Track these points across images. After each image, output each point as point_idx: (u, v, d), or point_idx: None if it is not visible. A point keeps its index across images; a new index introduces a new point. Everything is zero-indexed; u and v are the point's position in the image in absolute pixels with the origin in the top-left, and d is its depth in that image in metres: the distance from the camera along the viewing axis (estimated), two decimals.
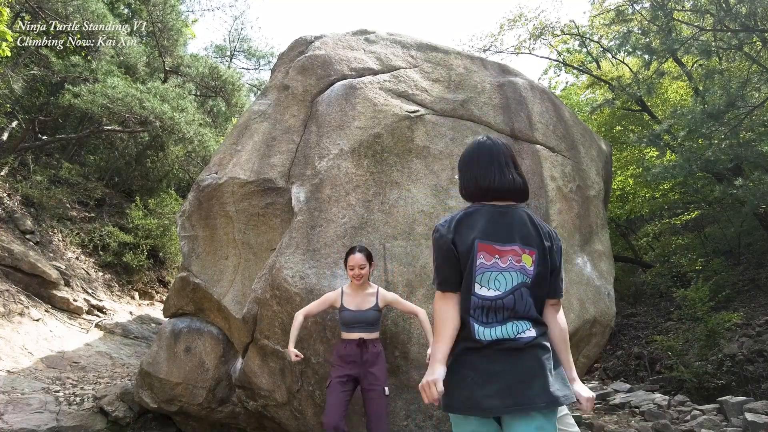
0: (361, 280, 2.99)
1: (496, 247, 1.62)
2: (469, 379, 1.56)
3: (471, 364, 1.58)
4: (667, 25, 7.53)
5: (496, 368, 1.55)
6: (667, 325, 8.97)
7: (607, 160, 5.32)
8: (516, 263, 1.63)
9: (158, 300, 8.53)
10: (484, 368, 1.56)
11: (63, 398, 4.31)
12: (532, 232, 1.68)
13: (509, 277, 1.62)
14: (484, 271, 1.61)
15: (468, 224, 1.66)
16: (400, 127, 3.99)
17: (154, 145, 10.27)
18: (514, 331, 1.58)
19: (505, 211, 1.69)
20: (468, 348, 1.60)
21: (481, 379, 1.55)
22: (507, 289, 1.61)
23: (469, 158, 1.84)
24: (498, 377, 1.54)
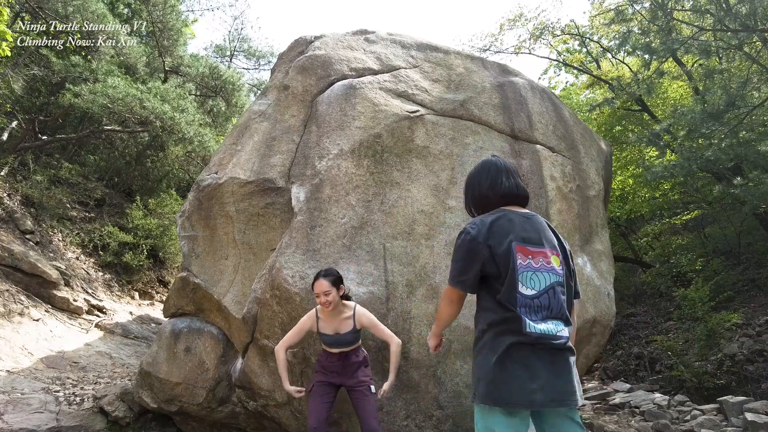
0: (329, 307, 2.80)
1: (529, 248, 1.77)
2: (519, 373, 1.65)
3: (519, 358, 1.67)
4: (667, 24, 7.52)
5: (540, 364, 1.67)
6: (667, 325, 8.97)
7: (607, 160, 5.32)
8: (547, 264, 1.78)
9: (158, 300, 8.53)
10: (531, 363, 1.66)
11: (63, 398, 4.31)
12: (553, 237, 1.87)
13: (543, 277, 1.76)
14: (523, 271, 1.73)
15: (501, 228, 1.79)
16: (400, 127, 3.99)
17: (154, 145, 10.28)
18: (554, 330, 1.71)
19: (529, 217, 1.86)
20: (516, 343, 1.68)
21: (529, 374, 1.65)
22: (541, 288, 1.74)
23: (480, 171, 2.01)
24: (541, 372, 1.66)
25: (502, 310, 1.72)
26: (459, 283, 1.81)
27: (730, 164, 7.21)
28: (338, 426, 3.28)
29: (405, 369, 3.33)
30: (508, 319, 1.70)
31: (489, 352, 1.71)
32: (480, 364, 1.74)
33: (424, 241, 3.61)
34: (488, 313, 1.77)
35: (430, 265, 3.55)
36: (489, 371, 1.68)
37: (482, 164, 2.02)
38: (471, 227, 1.82)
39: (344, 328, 2.90)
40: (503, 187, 1.91)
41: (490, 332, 1.74)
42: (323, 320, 2.92)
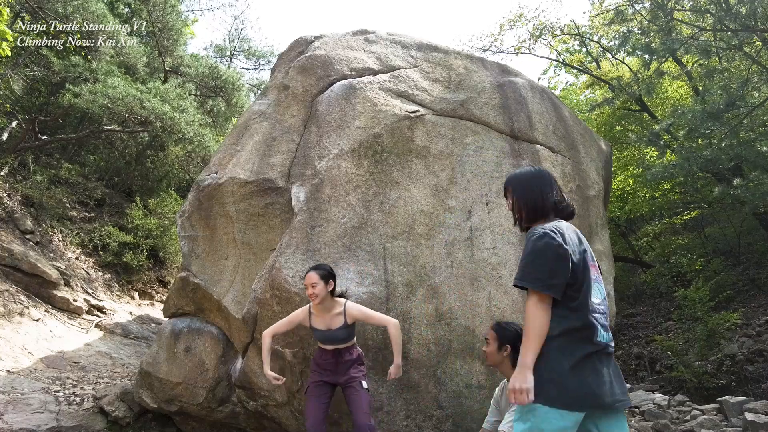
0: (316, 299, 2.83)
1: (591, 262, 1.90)
2: (590, 380, 1.75)
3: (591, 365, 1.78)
4: (667, 24, 7.52)
5: (606, 370, 1.80)
6: (667, 325, 8.97)
7: (607, 160, 5.32)
8: (599, 276, 1.93)
9: (158, 300, 8.52)
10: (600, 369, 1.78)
11: (63, 398, 4.31)
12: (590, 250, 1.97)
13: (600, 288, 1.90)
14: (594, 282, 1.86)
15: (571, 238, 1.87)
16: (400, 127, 3.99)
17: (154, 145, 10.28)
18: (609, 338, 1.86)
19: (576, 230, 1.96)
20: (590, 353, 1.78)
21: (598, 379, 1.76)
22: (601, 298, 1.89)
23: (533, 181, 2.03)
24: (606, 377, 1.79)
25: (578, 318, 1.79)
26: (550, 287, 1.77)
27: (730, 164, 7.21)
28: (338, 426, 3.28)
29: (405, 369, 3.33)
30: (583, 328, 1.79)
31: (561, 357, 1.76)
32: (550, 368, 1.76)
33: (424, 241, 3.61)
34: (562, 320, 1.80)
35: (430, 265, 3.55)
36: (561, 375, 1.74)
37: (538, 172, 2.05)
38: (552, 233, 1.82)
39: (335, 323, 2.92)
40: (556, 198, 1.98)
41: (562, 338, 1.79)
42: (315, 315, 2.95)
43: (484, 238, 3.75)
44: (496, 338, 2.71)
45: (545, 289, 1.77)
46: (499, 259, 3.70)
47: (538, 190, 1.98)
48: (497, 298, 3.57)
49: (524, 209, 2.01)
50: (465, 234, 3.74)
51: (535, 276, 1.80)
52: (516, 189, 2.04)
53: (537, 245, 1.82)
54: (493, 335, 2.73)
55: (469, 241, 3.72)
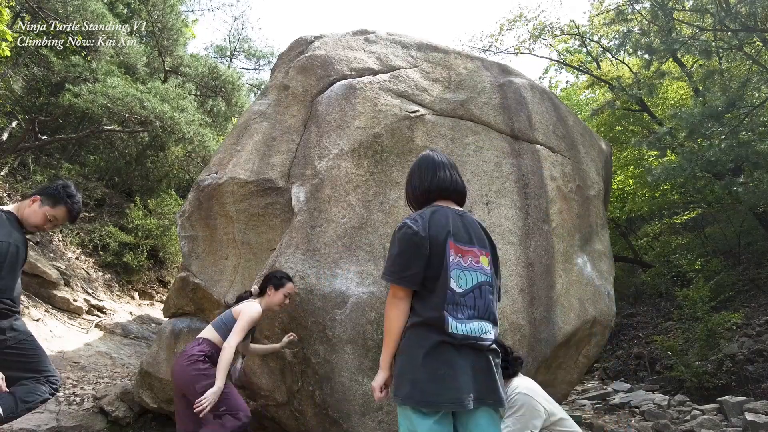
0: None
1: (459, 246, 1.76)
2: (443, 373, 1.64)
3: (444, 358, 1.66)
4: (667, 25, 7.52)
5: (464, 363, 1.66)
6: (667, 325, 8.97)
7: (607, 160, 5.32)
8: (475, 263, 1.78)
9: (158, 300, 8.53)
10: (456, 363, 1.66)
11: (63, 398, 4.31)
12: (484, 236, 1.88)
13: (470, 275, 1.76)
14: (454, 268, 1.73)
15: (437, 223, 1.77)
16: (400, 127, 3.99)
17: (154, 145, 10.28)
18: (479, 331, 1.71)
19: (462, 214, 1.86)
20: (442, 342, 1.67)
21: (453, 373, 1.64)
22: (468, 287, 1.74)
23: (422, 166, 1.98)
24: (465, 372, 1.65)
25: (431, 308, 1.70)
26: (402, 279, 1.73)
27: (730, 165, 7.22)
28: (338, 426, 3.28)
29: None
30: (435, 319, 1.69)
31: (414, 349, 1.69)
32: (403, 362, 1.72)
33: None
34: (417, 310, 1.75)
35: None
36: (414, 369, 1.66)
37: (421, 158, 2.00)
38: (412, 222, 1.78)
39: None
40: (440, 179, 1.89)
41: (415, 330, 1.73)
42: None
43: None
44: None
45: (398, 281, 1.74)
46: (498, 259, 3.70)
47: (418, 177, 1.94)
48: None
49: (411, 199, 1.99)
50: None
51: (391, 269, 1.77)
52: (406, 181, 2.03)
53: (395, 237, 1.81)
54: None
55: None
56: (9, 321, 2.43)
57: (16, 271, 2.40)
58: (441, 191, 1.90)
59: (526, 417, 2.63)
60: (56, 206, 2.56)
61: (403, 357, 1.73)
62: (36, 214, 2.52)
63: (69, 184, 2.65)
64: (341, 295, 3.32)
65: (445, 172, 1.92)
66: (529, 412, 2.64)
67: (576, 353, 4.12)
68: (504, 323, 3.53)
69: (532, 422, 2.62)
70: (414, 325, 1.73)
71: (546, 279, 3.83)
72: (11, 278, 2.34)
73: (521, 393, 2.70)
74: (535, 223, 3.97)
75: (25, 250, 2.49)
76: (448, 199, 1.91)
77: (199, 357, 2.70)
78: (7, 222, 2.41)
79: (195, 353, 2.71)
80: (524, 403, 2.66)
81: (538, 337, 3.65)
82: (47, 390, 2.53)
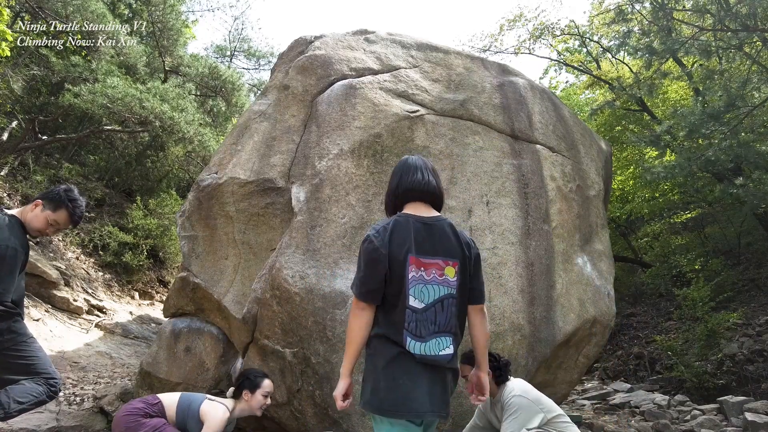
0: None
1: (422, 260, 1.73)
2: (401, 383, 1.67)
3: (404, 368, 1.69)
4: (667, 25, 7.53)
5: (424, 375, 1.69)
6: (667, 325, 8.97)
7: (607, 160, 5.32)
8: (439, 276, 1.75)
9: (158, 300, 8.52)
10: (414, 373, 1.68)
11: (63, 398, 4.30)
12: (454, 244, 1.81)
13: (432, 290, 1.73)
14: (415, 284, 1.71)
15: (399, 237, 1.75)
16: (400, 127, 3.99)
17: (154, 145, 10.27)
18: (437, 348, 1.71)
19: (430, 224, 1.81)
20: (402, 352, 1.70)
21: (412, 384, 1.67)
22: (429, 301, 1.72)
23: (396, 171, 1.97)
24: (424, 384, 1.68)
25: (390, 325, 1.73)
26: (362, 294, 1.75)
27: (730, 165, 7.22)
28: (338, 426, 3.28)
29: None
30: (394, 335, 1.71)
31: (375, 359, 1.73)
32: (366, 370, 1.77)
33: None
34: (378, 323, 1.77)
35: None
36: (374, 378, 1.71)
37: (402, 162, 1.98)
38: (374, 236, 1.78)
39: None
40: (411, 181, 1.87)
41: (376, 341, 1.76)
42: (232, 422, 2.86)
43: (484, 238, 3.75)
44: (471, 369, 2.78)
45: (359, 296, 1.75)
46: (498, 259, 3.70)
47: (396, 181, 1.92)
48: (497, 298, 3.57)
49: (386, 204, 2.00)
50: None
51: (355, 283, 1.79)
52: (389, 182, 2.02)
53: (360, 250, 1.82)
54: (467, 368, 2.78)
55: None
56: (7, 323, 2.42)
57: (16, 274, 2.40)
58: (412, 192, 1.86)
59: (522, 418, 2.68)
60: (57, 210, 2.56)
61: (366, 364, 1.79)
62: (38, 218, 2.52)
63: (72, 188, 2.65)
64: (341, 295, 3.32)
65: (419, 173, 1.88)
66: (526, 413, 2.71)
67: (576, 353, 4.12)
68: (504, 323, 3.53)
69: (531, 421, 2.66)
70: (377, 336, 1.76)
71: (546, 279, 3.83)
72: (10, 281, 2.34)
73: (517, 395, 2.77)
74: (535, 223, 3.97)
75: (26, 254, 2.49)
76: (420, 201, 1.87)
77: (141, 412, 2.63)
78: (8, 226, 2.41)
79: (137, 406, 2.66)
80: (521, 405, 2.73)
81: (538, 336, 3.65)
82: (44, 391, 2.52)
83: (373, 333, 1.77)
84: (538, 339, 3.65)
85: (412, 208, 1.85)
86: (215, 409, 2.71)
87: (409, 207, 1.86)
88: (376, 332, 1.76)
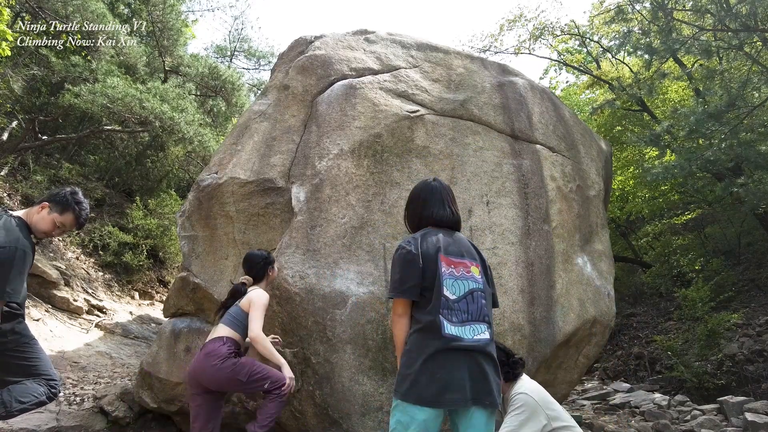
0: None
1: (451, 259, 1.98)
2: (439, 375, 1.81)
3: (442, 361, 1.83)
4: (667, 24, 7.52)
5: (461, 366, 1.82)
6: (667, 325, 8.97)
7: (607, 160, 5.32)
8: (467, 273, 1.99)
9: (158, 300, 8.52)
10: (452, 366, 1.82)
11: (63, 398, 4.30)
12: (473, 250, 2.11)
13: (462, 284, 1.96)
14: (447, 278, 1.94)
15: (428, 242, 2.01)
16: (400, 127, 3.99)
17: (154, 145, 10.27)
18: (471, 333, 1.88)
19: (452, 234, 2.11)
20: (441, 347, 1.84)
21: (450, 375, 1.81)
22: (461, 294, 1.94)
23: (421, 194, 2.21)
24: (461, 374, 1.81)
25: (428, 314, 1.89)
26: (402, 292, 1.93)
27: (730, 165, 7.22)
28: (338, 426, 3.28)
29: None
30: (432, 324, 1.87)
31: (415, 353, 1.86)
32: (405, 364, 1.89)
33: None
34: (417, 318, 1.94)
35: None
36: (414, 371, 1.83)
37: (422, 187, 2.21)
38: (406, 244, 2.01)
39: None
40: (438, 214, 2.12)
41: (416, 335, 1.91)
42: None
43: (484, 238, 3.75)
44: None
45: (399, 294, 1.95)
46: (499, 259, 3.70)
47: (421, 201, 2.17)
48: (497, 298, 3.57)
49: (408, 220, 2.23)
50: (465, 234, 3.72)
51: (392, 286, 1.99)
52: (407, 203, 2.26)
53: (394, 258, 2.04)
54: None
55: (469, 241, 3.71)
56: (12, 324, 2.44)
57: (25, 275, 2.42)
58: (440, 222, 2.12)
59: (522, 418, 2.60)
60: (64, 213, 2.59)
61: (405, 359, 1.91)
62: (44, 220, 2.54)
63: (77, 190, 2.68)
64: (341, 295, 3.32)
65: (446, 208, 2.14)
66: (527, 414, 2.60)
67: (576, 353, 4.12)
68: (504, 323, 3.53)
69: (529, 425, 2.59)
70: (415, 332, 1.92)
71: (546, 279, 3.83)
72: (19, 282, 2.36)
73: (524, 393, 2.67)
74: (535, 223, 3.97)
75: (32, 255, 2.51)
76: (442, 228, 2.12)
77: (230, 354, 2.80)
78: (16, 227, 2.42)
79: (225, 352, 2.79)
80: (525, 404, 2.63)
81: (538, 337, 3.65)
82: (44, 392, 2.53)
83: (411, 330, 1.94)
84: (538, 339, 3.65)
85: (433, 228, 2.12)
86: (257, 293, 2.97)
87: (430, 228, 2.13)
88: (414, 329, 1.93)
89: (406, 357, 1.90)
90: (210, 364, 2.76)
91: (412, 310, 1.97)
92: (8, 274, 2.28)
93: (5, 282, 2.25)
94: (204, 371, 2.78)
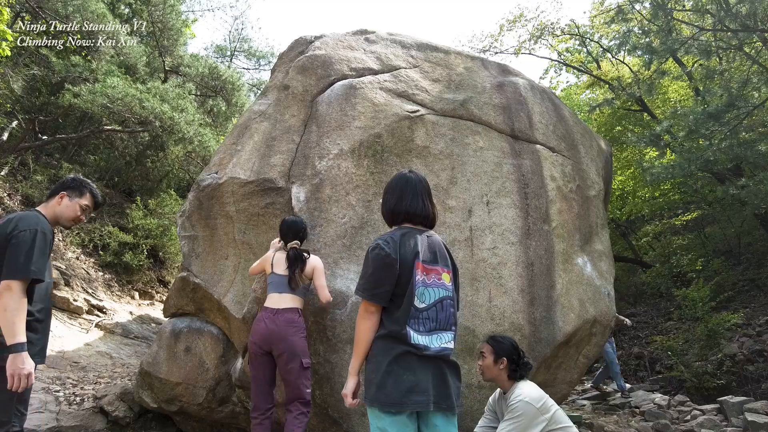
0: None
1: (426, 266, 1.96)
2: (405, 378, 1.84)
3: (407, 365, 1.85)
4: (667, 24, 7.53)
5: (425, 370, 1.86)
6: (667, 325, 8.97)
7: (607, 160, 5.32)
8: (438, 280, 1.98)
9: (158, 300, 8.52)
10: (417, 369, 1.85)
11: (63, 398, 4.30)
12: (447, 255, 2.08)
13: (433, 292, 1.95)
14: (419, 287, 1.91)
15: (406, 245, 1.95)
16: (400, 127, 3.99)
17: (154, 145, 10.26)
18: (438, 342, 1.91)
19: (429, 236, 2.06)
20: (406, 351, 1.86)
21: (415, 378, 1.84)
22: (430, 302, 1.93)
23: (396, 186, 2.14)
24: (425, 378, 1.85)
25: (396, 322, 1.89)
26: (373, 296, 1.90)
27: (730, 165, 7.23)
28: (338, 426, 3.28)
29: None
30: (398, 332, 1.87)
31: (381, 357, 1.88)
32: (371, 369, 1.91)
33: None
34: (385, 324, 1.93)
35: None
36: (380, 375, 1.85)
37: (397, 178, 2.15)
38: (384, 243, 1.94)
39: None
40: (412, 206, 2.05)
41: (382, 341, 1.91)
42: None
43: (484, 238, 3.75)
44: (492, 351, 2.75)
45: (370, 298, 1.92)
46: (499, 259, 3.70)
47: (397, 195, 2.09)
48: (497, 299, 3.57)
49: (383, 213, 2.16)
50: (465, 234, 3.74)
51: (364, 286, 1.94)
52: (383, 196, 2.19)
53: (368, 256, 1.98)
54: (488, 348, 2.77)
55: (469, 241, 3.72)
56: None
57: (47, 256, 2.41)
58: (413, 217, 2.06)
59: (522, 425, 2.59)
60: (84, 195, 2.64)
61: (371, 364, 1.92)
62: (69, 208, 2.58)
63: (78, 175, 2.73)
64: (341, 295, 3.32)
65: (419, 201, 2.06)
66: (526, 423, 2.59)
67: (576, 353, 4.12)
68: (504, 323, 3.53)
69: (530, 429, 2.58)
70: (381, 336, 1.92)
71: (546, 279, 3.83)
72: (43, 262, 2.35)
73: (524, 401, 2.62)
74: (535, 223, 3.97)
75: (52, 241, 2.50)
76: (416, 223, 2.07)
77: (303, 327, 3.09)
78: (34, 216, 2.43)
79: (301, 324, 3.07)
80: (524, 413, 2.60)
81: (538, 337, 3.65)
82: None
83: (378, 334, 1.93)
84: (538, 339, 3.65)
85: (410, 225, 2.07)
86: (317, 259, 3.22)
87: (407, 225, 2.07)
88: (380, 333, 1.92)
89: (372, 362, 1.91)
90: (292, 332, 2.98)
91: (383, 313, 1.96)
92: (31, 253, 2.27)
93: (29, 260, 2.23)
94: (285, 337, 2.96)
